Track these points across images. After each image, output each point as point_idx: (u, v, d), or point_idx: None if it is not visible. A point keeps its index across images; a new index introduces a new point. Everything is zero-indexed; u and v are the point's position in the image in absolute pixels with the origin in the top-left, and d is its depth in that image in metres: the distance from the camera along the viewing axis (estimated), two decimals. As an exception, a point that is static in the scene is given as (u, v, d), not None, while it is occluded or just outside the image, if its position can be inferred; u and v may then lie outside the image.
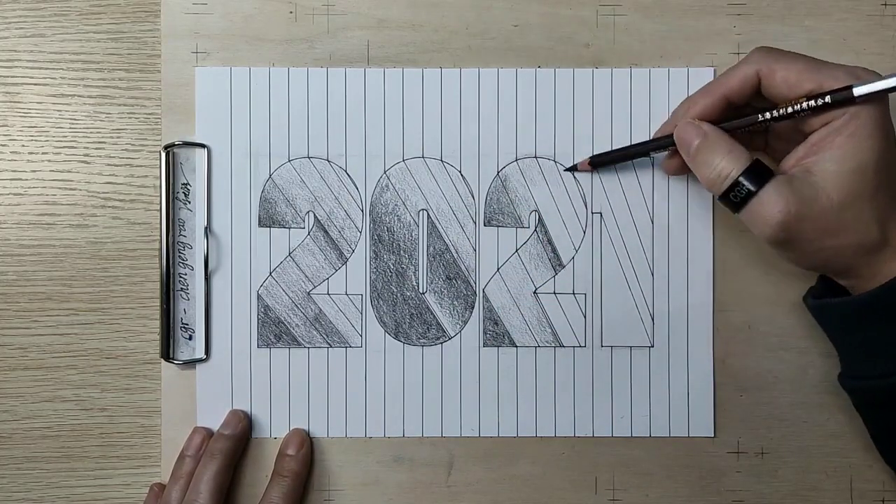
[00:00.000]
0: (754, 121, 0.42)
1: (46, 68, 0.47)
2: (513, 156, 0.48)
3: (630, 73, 0.47)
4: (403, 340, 0.48)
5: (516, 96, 0.47)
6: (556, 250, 0.48)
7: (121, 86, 0.47)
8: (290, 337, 0.47)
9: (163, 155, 0.46)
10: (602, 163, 0.47)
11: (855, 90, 0.39)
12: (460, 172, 0.48)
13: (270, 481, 0.46)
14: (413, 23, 0.47)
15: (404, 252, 0.48)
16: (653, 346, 0.48)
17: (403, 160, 0.47)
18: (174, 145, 0.47)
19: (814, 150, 0.40)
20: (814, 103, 0.40)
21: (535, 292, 0.48)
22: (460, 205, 0.48)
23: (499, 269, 0.48)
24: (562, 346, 0.48)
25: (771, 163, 0.43)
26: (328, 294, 0.47)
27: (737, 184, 0.40)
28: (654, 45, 0.47)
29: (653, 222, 0.48)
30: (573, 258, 0.48)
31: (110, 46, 0.47)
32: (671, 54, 0.47)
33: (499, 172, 0.48)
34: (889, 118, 0.40)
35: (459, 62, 0.47)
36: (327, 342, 0.47)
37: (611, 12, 0.47)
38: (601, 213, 0.48)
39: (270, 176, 0.47)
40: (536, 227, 0.48)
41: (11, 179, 0.47)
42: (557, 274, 0.48)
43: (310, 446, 0.47)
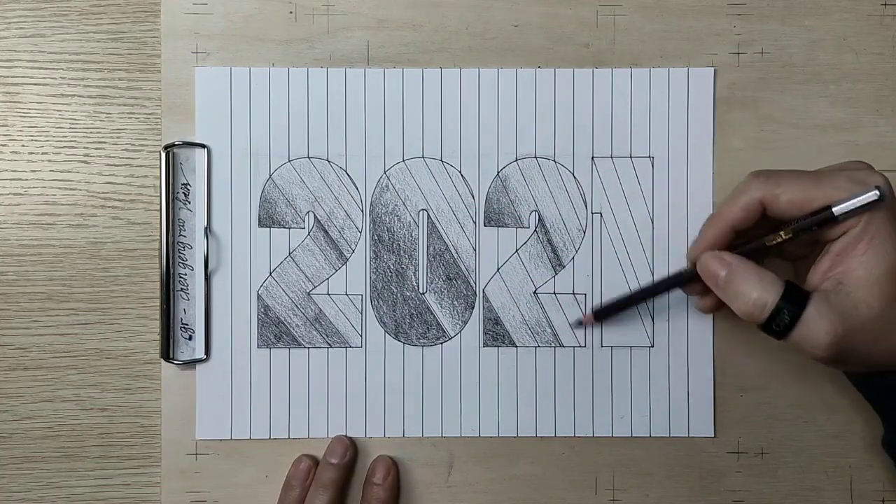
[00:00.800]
0: (765, 244, 0.42)
1: (46, 68, 0.47)
2: (513, 156, 0.48)
3: (630, 73, 0.47)
4: (403, 340, 0.48)
5: (516, 96, 0.47)
6: (556, 250, 0.48)
7: (121, 86, 0.47)
8: (290, 337, 0.47)
9: (163, 155, 0.46)
10: (607, 314, 0.47)
11: (834, 209, 0.39)
12: (460, 172, 0.48)
13: None
14: (413, 23, 0.47)
15: (404, 252, 0.48)
16: (653, 346, 0.48)
17: (403, 160, 0.47)
18: (174, 145, 0.47)
19: (839, 261, 0.40)
20: (822, 218, 0.40)
21: (535, 292, 0.48)
22: (460, 205, 0.48)
23: (499, 269, 0.48)
24: (562, 346, 0.48)
25: (785, 264, 0.44)
26: (328, 294, 0.47)
27: (777, 311, 0.40)
28: (654, 45, 0.47)
29: (653, 222, 0.48)
30: (573, 258, 0.48)
31: (110, 46, 0.47)
32: (671, 54, 0.47)
33: (499, 172, 0.48)
34: None
35: (459, 62, 0.47)
36: (327, 342, 0.47)
37: (611, 12, 0.47)
38: (601, 213, 0.48)
39: (270, 176, 0.47)
40: (536, 227, 0.48)
41: (11, 179, 0.47)
42: (557, 274, 0.48)
43: (396, 473, 0.47)
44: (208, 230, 0.47)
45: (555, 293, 0.48)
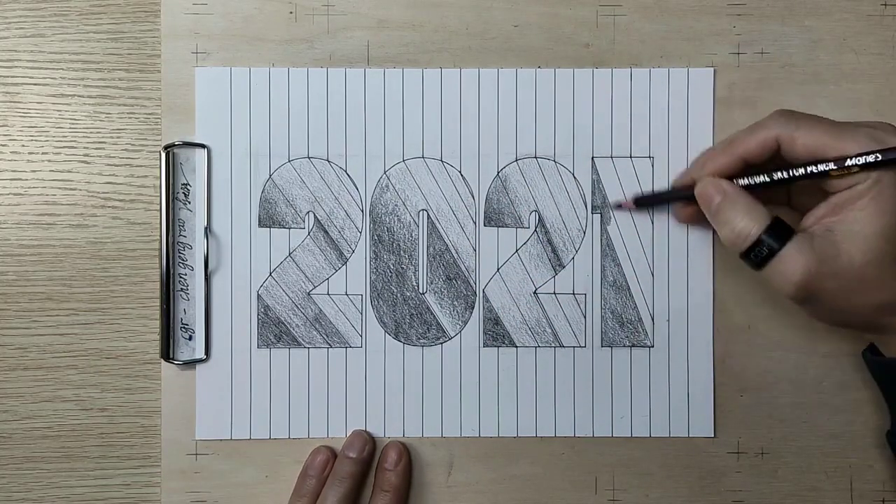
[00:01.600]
0: (772, 180, 0.42)
1: (46, 68, 0.47)
2: (513, 156, 0.48)
3: (630, 73, 0.47)
4: (403, 340, 0.48)
5: (516, 96, 0.47)
6: (556, 250, 0.48)
7: (121, 86, 0.47)
8: (290, 337, 0.47)
9: (163, 155, 0.46)
10: (645, 203, 0.47)
11: (849, 161, 0.40)
12: (460, 172, 0.48)
13: (373, 496, 0.46)
14: (413, 23, 0.47)
15: (404, 252, 0.48)
16: (653, 347, 0.48)
17: (403, 160, 0.47)
18: (174, 145, 0.47)
19: (836, 211, 0.40)
20: (835, 167, 0.40)
21: (535, 292, 0.48)
22: (460, 205, 0.48)
23: (499, 269, 0.48)
24: (562, 346, 0.48)
25: (793, 215, 0.44)
26: (328, 294, 0.47)
27: (757, 243, 0.40)
28: (654, 45, 0.47)
29: (653, 222, 0.48)
30: (573, 258, 0.48)
31: (110, 46, 0.47)
32: (671, 54, 0.47)
33: (499, 172, 0.48)
34: None
35: (459, 62, 0.47)
36: (327, 342, 0.47)
37: (611, 12, 0.47)
38: (601, 213, 0.48)
39: (270, 176, 0.47)
40: (536, 227, 0.48)
41: (11, 179, 0.47)
42: (557, 274, 0.48)
43: (408, 458, 0.47)
44: (208, 230, 0.47)
45: (555, 293, 0.48)
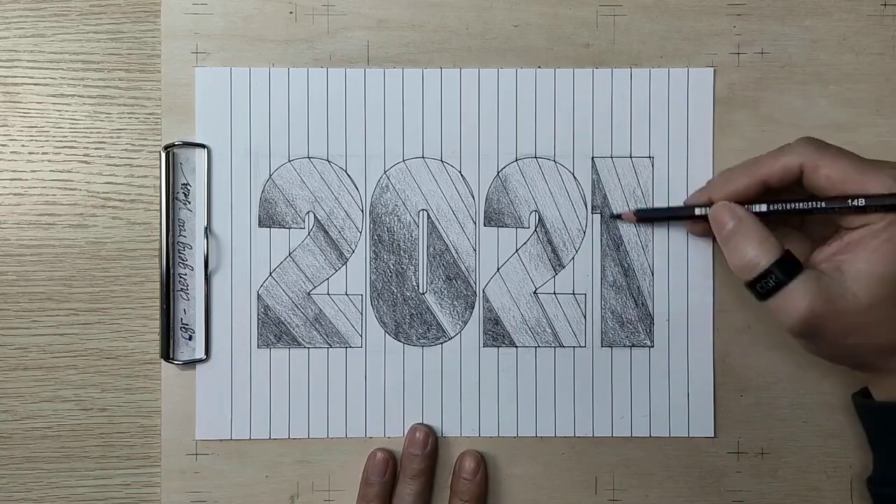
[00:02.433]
0: (788, 209, 0.42)
1: (46, 68, 0.47)
2: (513, 156, 0.48)
3: (630, 73, 0.47)
4: (403, 340, 0.48)
5: (516, 96, 0.47)
6: (556, 250, 0.48)
7: (121, 86, 0.47)
8: (290, 337, 0.47)
9: (163, 155, 0.46)
10: (647, 218, 0.47)
11: (865, 199, 0.40)
12: (460, 172, 0.48)
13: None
14: (413, 23, 0.47)
15: (404, 252, 0.48)
16: (653, 347, 0.47)
17: (403, 160, 0.47)
18: (174, 145, 0.47)
19: (847, 249, 0.40)
20: (854, 204, 0.40)
21: (534, 292, 0.48)
22: (460, 205, 0.48)
23: (499, 269, 0.48)
24: (562, 346, 0.48)
25: (804, 241, 0.44)
26: (328, 294, 0.47)
27: (765, 274, 0.40)
28: (654, 45, 0.47)
29: (653, 222, 0.48)
30: (573, 258, 0.48)
31: (110, 46, 0.47)
32: (671, 54, 0.47)
33: (499, 172, 0.48)
34: None
35: (459, 62, 0.47)
36: (327, 342, 0.47)
37: (611, 12, 0.47)
38: (601, 213, 0.48)
39: (270, 176, 0.47)
40: (536, 227, 0.48)
41: (11, 179, 0.47)
42: (557, 274, 0.48)
43: (486, 467, 0.47)
44: (208, 230, 0.47)
45: (555, 293, 0.48)
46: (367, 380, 0.47)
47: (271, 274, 0.47)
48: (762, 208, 0.43)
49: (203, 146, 0.47)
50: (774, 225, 0.42)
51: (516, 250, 0.48)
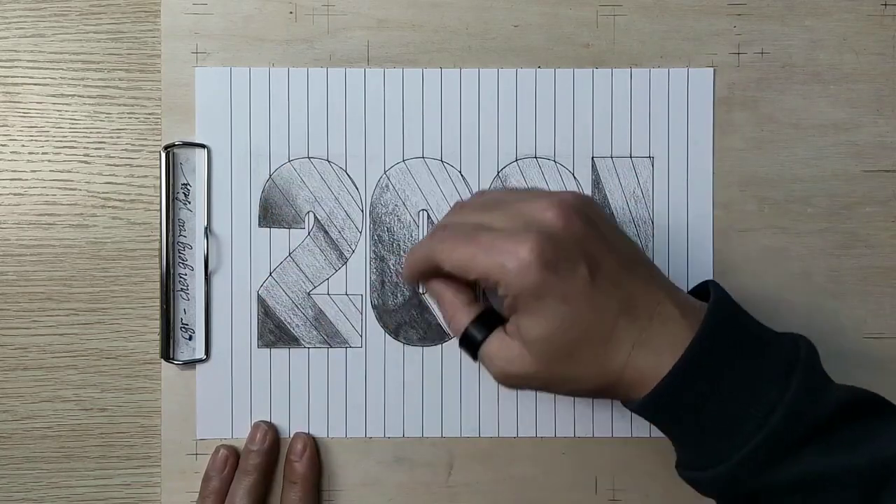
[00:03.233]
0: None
1: (46, 68, 0.47)
2: (513, 156, 0.48)
3: (630, 73, 0.47)
4: (403, 340, 0.48)
5: (516, 96, 0.47)
6: (556, 250, 0.47)
7: (121, 86, 0.47)
8: (290, 337, 0.47)
9: (163, 155, 0.46)
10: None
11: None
12: (460, 172, 0.48)
13: (283, 489, 0.46)
14: (413, 23, 0.47)
15: (405, 252, 0.48)
16: (653, 346, 0.47)
17: (403, 160, 0.47)
18: (174, 145, 0.47)
19: (512, 307, 0.39)
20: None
21: (535, 292, 0.48)
22: (460, 205, 0.48)
23: (499, 269, 0.48)
24: (562, 346, 0.47)
25: None
26: (328, 294, 0.47)
27: (465, 335, 0.41)
28: (654, 45, 0.47)
29: (653, 222, 0.48)
30: (573, 258, 0.47)
31: (110, 46, 0.47)
32: (671, 54, 0.47)
33: (499, 172, 0.48)
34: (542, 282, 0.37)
35: (459, 62, 0.47)
36: (327, 342, 0.47)
37: (611, 12, 0.47)
38: (601, 213, 0.48)
39: (270, 176, 0.47)
40: (536, 227, 0.48)
41: (11, 179, 0.47)
42: (557, 274, 0.48)
43: (314, 448, 0.47)
44: (208, 230, 0.47)
45: (555, 293, 0.48)
46: (367, 380, 0.47)
47: (271, 274, 0.47)
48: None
49: (203, 146, 0.47)
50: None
51: (516, 250, 0.48)
